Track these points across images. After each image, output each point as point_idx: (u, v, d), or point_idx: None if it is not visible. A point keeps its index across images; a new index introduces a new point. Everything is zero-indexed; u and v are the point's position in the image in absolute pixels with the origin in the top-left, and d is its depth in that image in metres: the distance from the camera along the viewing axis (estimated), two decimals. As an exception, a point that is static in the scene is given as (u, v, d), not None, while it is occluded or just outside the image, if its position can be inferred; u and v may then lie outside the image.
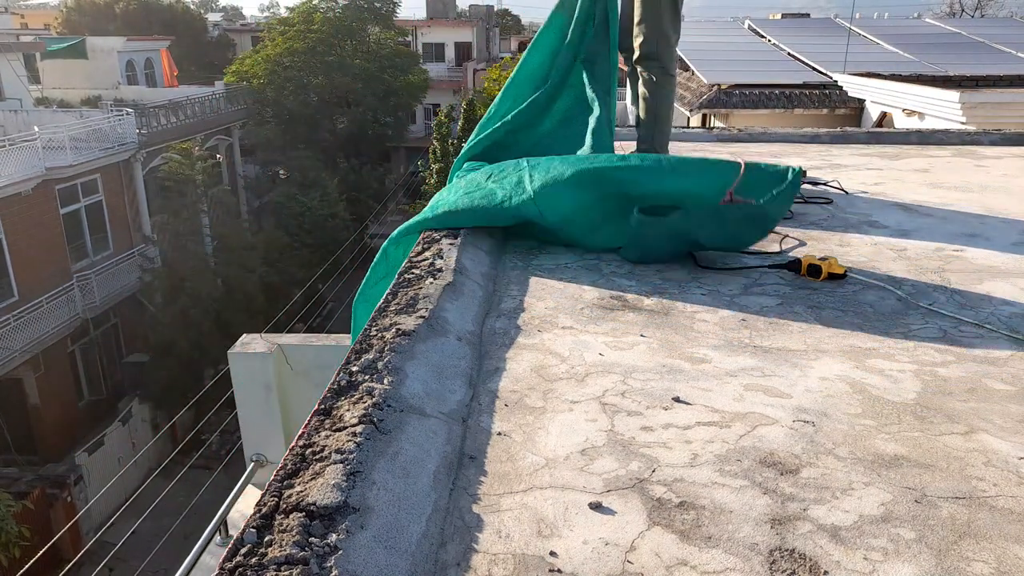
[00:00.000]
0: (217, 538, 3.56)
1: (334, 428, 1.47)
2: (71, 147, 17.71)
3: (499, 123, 3.66)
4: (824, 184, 4.10)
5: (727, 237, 2.71)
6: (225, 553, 1.13)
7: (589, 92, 3.60)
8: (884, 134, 6.06)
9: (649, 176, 2.66)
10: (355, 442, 1.41)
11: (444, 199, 2.97)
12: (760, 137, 5.88)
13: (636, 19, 3.77)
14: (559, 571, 1.23)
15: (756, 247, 2.90)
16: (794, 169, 2.59)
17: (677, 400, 1.80)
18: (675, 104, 4.22)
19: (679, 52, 4.27)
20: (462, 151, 3.78)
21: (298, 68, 30.15)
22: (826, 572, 1.24)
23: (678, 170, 2.74)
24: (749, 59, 14.39)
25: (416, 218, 2.94)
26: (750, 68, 13.59)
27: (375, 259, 2.99)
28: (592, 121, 3.56)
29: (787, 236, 3.18)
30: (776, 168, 2.63)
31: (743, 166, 2.65)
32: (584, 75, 3.64)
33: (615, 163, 2.75)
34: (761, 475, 1.50)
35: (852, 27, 15.48)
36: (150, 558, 12.65)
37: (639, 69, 3.88)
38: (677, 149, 5.34)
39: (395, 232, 2.95)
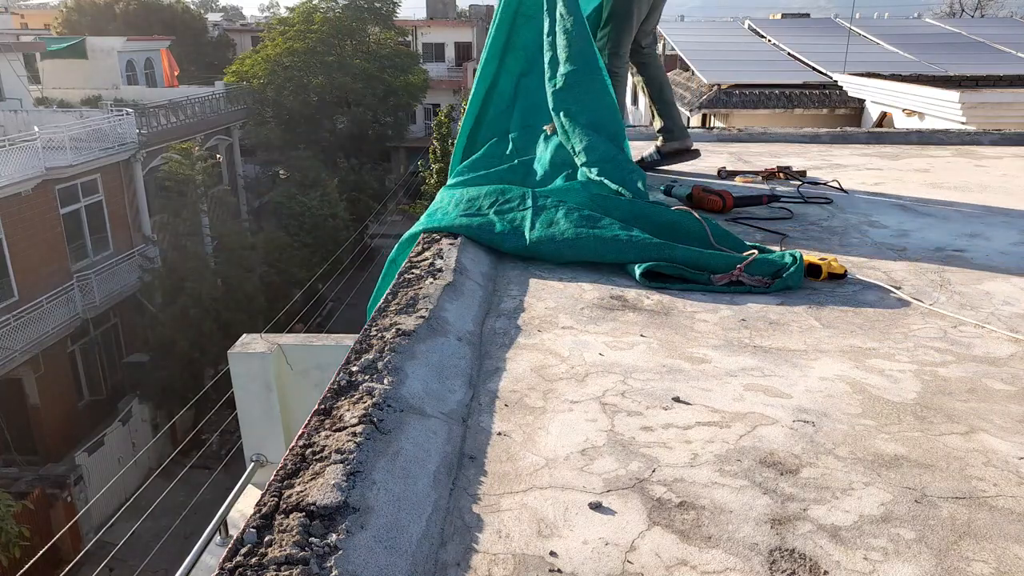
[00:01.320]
0: (217, 538, 3.56)
1: (334, 428, 1.47)
2: (71, 147, 17.72)
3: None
4: (824, 184, 4.11)
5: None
6: (225, 553, 1.13)
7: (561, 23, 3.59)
8: (884, 134, 6.06)
9: (657, 251, 2.63)
10: (355, 442, 1.41)
11: (444, 210, 2.94)
12: (760, 137, 5.89)
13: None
14: (559, 571, 1.23)
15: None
16: (797, 254, 2.62)
17: (677, 400, 1.80)
18: (677, 100, 4.44)
19: (679, 52, 4.52)
20: (458, 138, 3.83)
21: (298, 68, 30.15)
22: (826, 572, 1.23)
23: (689, 247, 2.69)
24: (749, 59, 14.39)
25: (416, 227, 2.93)
26: (750, 68, 13.60)
27: (384, 269, 2.99)
28: (562, 39, 3.53)
29: (787, 236, 3.18)
30: (782, 255, 2.65)
31: (754, 254, 2.64)
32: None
33: (620, 235, 2.67)
34: (761, 475, 1.50)
35: (852, 27, 15.50)
36: (150, 558, 12.66)
37: None
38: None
39: (400, 241, 2.95)
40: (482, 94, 3.84)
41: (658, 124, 4.45)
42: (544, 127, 3.64)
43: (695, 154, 4.43)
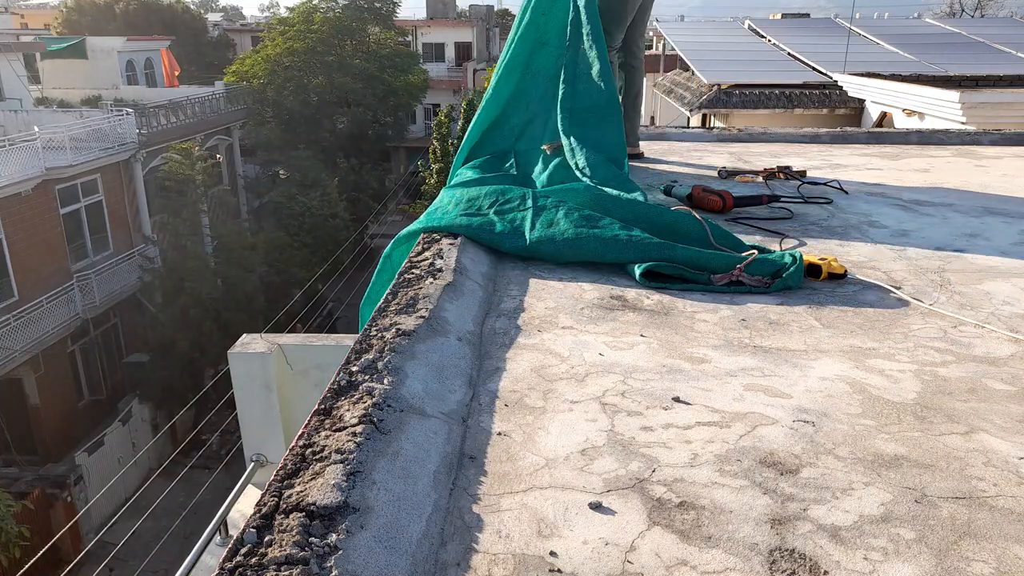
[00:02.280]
0: (217, 538, 3.56)
1: (334, 428, 1.47)
2: (71, 147, 17.71)
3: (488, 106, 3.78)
4: (824, 184, 4.11)
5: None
6: (225, 553, 1.13)
7: (585, 41, 3.67)
8: (884, 134, 6.06)
9: (657, 251, 2.63)
10: (355, 442, 1.41)
11: (444, 210, 2.95)
12: (760, 137, 5.88)
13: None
14: (559, 571, 1.23)
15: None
16: (796, 254, 2.62)
17: (677, 400, 1.80)
18: (675, 102, 4.57)
19: (679, 52, 4.64)
20: (459, 149, 3.81)
21: (298, 68, 30.14)
22: (826, 572, 1.23)
23: (689, 247, 2.69)
24: (749, 59, 14.38)
25: (415, 224, 2.93)
26: (750, 68, 13.60)
27: (379, 265, 2.98)
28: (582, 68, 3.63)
29: (787, 236, 3.18)
30: (781, 255, 2.65)
31: (754, 254, 2.65)
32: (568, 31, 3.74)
33: (620, 235, 2.68)
34: (761, 475, 1.50)
35: (852, 27, 15.48)
36: (150, 558, 12.65)
37: None
38: (677, 149, 5.34)
39: (397, 237, 2.95)
40: (492, 116, 3.80)
41: None
42: (543, 147, 3.64)
43: (639, 157, 4.96)
